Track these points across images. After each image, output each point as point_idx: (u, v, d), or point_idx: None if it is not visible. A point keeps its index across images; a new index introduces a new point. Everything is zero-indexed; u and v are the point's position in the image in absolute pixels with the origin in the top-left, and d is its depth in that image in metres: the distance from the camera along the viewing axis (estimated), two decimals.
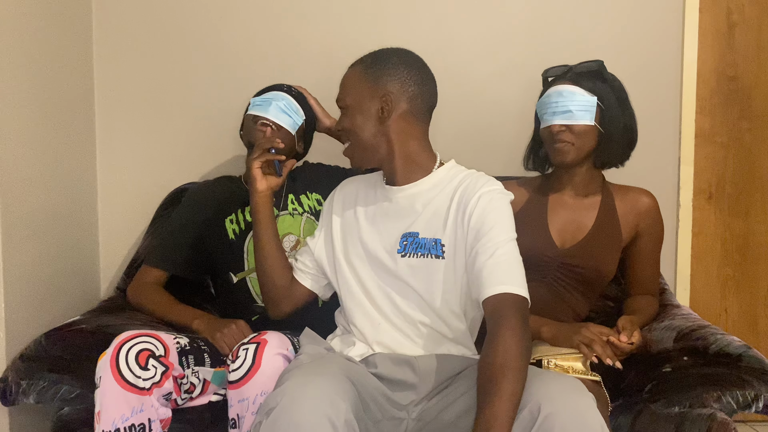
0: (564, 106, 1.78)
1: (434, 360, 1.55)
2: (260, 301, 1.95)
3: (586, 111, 1.77)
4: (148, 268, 2.02)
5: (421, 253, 1.58)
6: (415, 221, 1.61)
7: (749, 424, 2.61)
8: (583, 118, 1.78)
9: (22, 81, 1.89)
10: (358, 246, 1.65)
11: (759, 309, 2.65)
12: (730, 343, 1.68)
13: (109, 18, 2.37)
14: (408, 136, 1.62)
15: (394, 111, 1.59)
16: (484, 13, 2.42)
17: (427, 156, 1.65)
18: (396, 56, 1.63)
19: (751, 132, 2.59)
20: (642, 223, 1.88)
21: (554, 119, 1.79)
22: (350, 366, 1.50)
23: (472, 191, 1.57)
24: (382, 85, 1.59)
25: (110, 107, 2.39)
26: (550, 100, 1.80)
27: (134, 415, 1.52)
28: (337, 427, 1.27)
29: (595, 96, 1.78)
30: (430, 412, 1.50)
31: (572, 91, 1.78)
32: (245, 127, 2.01)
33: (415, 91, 1.61)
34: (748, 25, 2.55)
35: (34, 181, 1.95)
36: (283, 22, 2.40)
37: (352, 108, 1.62)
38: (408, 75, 1.61)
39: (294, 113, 1.97)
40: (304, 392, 1.31)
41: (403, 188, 1.63)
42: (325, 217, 1.76)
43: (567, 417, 1.28)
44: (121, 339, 1.57)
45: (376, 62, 1.62)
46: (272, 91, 2.00)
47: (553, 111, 1.79)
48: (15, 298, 1.82)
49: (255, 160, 1.73)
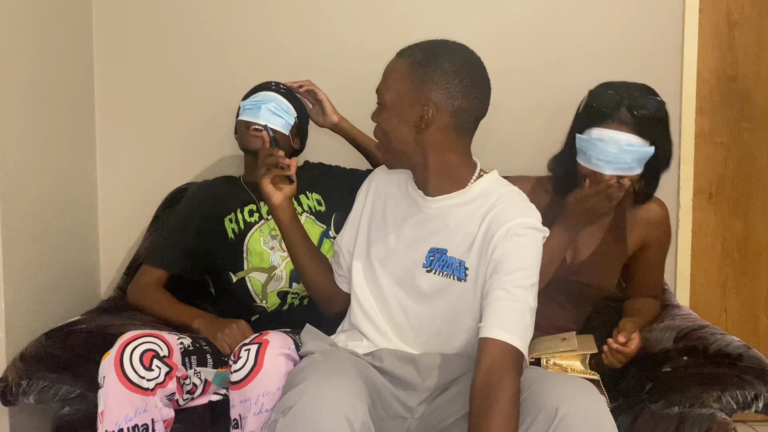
0: (622, 160, 1.63)
1: (438, 358, 1.54)
2: (259, 300, 1.95)
3: (642, 160, 1.67)
4: (148, 267, 2.02)
5: (447, 273, 1.51)
6: (445, 237, 1.52)
7: (749, 424, 2.61)
8: (638, 170, 1.67)
9: (22, 81, 1.89)
10: (382, 250, 1.59)
11: (759, 309, 2.65)
12: (729, 343, 1.68)
13: (109, 18, 2.37)
14: (446, 149, 1.49)
15: (434, 123, 1.45)
16: (484, 12, 2.42)
17: (465, 170, 1.53)
18: (449, 60, 1.45)
19: (751, 132, 2.59)
20: (651, 234, 1.85)
21: (606, 169, 1.65)
22: (359, 362, 1.50)
23: (502, 221, 1.46)
24: (426, 92, 1.44)
25: (110, 107, 2.39)
26: (606, 148, 1.63)
27: (138, 416, 1.52)
28: (355, 427, 1.27)
29: (654, 146, 1.67)
30: (435, 413, 1.49)
31: (632, 143, 1.63)
32: (239, 133, 2.00)
33: (461, 105, 1.45)
34: (748, 25, 2.54)
35: (34, 181, 1.95)
36: (284, 22, 2.39)
37: (390, 107, 1.49)
38: (458, 86, 1.44)
39: (285, 113, 1.96)
40: (322, 392, 1.30)
41: (437, 199, 1.53)
42: (355, 211, 1.69)
43: (583, 418, 1.28)
44: (126, 339, 1.57)
45: (425, 62, 1.45)
46: (260, 91, 1.99)
47: (607, 159, 1.64)
48: (15, 298, 1.82)
49: (263, 178, 1.62)
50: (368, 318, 1.60)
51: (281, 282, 1.95)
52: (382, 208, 1.63)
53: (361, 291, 1.61)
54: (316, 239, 1.97)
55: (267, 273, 1.95)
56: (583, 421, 1.28)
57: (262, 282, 1.95)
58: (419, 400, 1.51)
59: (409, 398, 1.51)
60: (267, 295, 1.95)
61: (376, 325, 1.59)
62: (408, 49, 1.51)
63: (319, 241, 1.98)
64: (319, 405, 1.28)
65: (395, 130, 1.49)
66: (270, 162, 1.61)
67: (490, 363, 1.36)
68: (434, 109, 1.45)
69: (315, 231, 1.99)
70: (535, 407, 1.32)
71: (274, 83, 2.03)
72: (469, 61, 1.49)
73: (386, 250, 1.59)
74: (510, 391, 1.32)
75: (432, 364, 1.53)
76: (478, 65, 1.51)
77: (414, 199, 1.57)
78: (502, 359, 1.35)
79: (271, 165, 1.61)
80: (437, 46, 1.49)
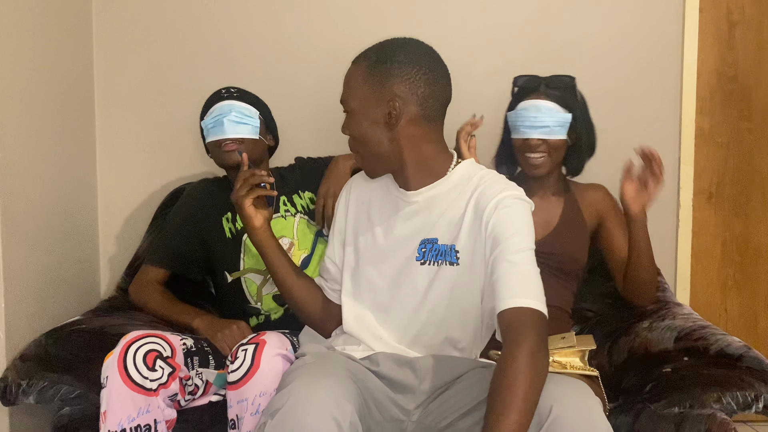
0: (542, 122, 1.86)
1: (435, 361, 1.53)
2: (254, 302, 1.95)
3: (562, 127, 1.87)
4: (148, 267, 2.02)
5: (440, 261, 1.51)
6: (434, 227, 1.52)
7: (749, 424, 2.61)
8: (559, 134, 1.88)
9: (22, 81, 1.89)
10: (373, 253, 1.58)
11: (759, 309, 2.65)
12: (730, 343, 1.69)
13: (109, 18, 2.37)
14: (420, 140, 1.50)
15: (403, 116, 1.47)
16: (483, 12, 2.42)
17: (442, 158, 1.55)
18: (403, 52, 1.48)
19: (751, 132, 2.59)
20: (601, 207, 1.99)
21: (533, 133, 1.87)
22: (353, 366, 1.49)
23: (489, 196, 1.48)
24: (388, 87, 1.46)
25: (110, 107, 2.39)
26: (528, 114, 1.88)
27: (140, 416, 1.52)
28: (343, 428, 1.26)
29: (570, 113, 1.88)
30: (431, 415, 1.49)
31: (550, 108, 1.87)
32: (212, 153, 1.96)
33: (425, 92, 1.47)
34: (748, 25, 2.54)
35: (34, 182, 1.95)
36: (283, 22, 2.40)
37: (358, 113, 1.50)
38: (417, 73, 1.46)
39: (248, 117, 1.91)
40: (310, 393, 1.30)
41: (420, 192, 1.54)
42: (338, 223, 1.67)
43: (576, 420, 1.27)
44: (129, 339, 1.56)
45: (380, 60, 1.48)
46: (215, 104, 1.94)
47: (530, 125, 1.87)
48: (15, 298, 1.82)
49: (245, 198, 1.61)
50: (363, 325, 1.58)
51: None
52: (367, 214, 1.62)
53: (353, 300, 1.60)
54: (311, 241, 1.97)
55: (262, 275, 1.94)
56: (577, 423, 1.26)
57: (257, 284, 1.95)
58: (416, 403, 1.50)
59: (407, 401, 1.50)
60: (262, 297, 1.94)
61: (370, 331, 1.57)
62: (361, 55, 1.53)
63: (313, 242, 1.97)
64: (306, 406, 1.27)
65: (367, 133, 1.50)
66: (253, 181, 1.61)
67: (505, 329, 1.35)
68: (401, 102, 1.46)
69: (310, 232, 1.98)
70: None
71: (225, 90, 1.97)
72: (422, 50, 1.51)
73: (377, 252, 1.58)
74: (529, 344, 1.30)
75: (429, 367, 1.52)
76: (431, 52, 1.53)
77: (398, 197, 1.58)
78: (516, 320, 1.34)
79: (253, 183, 1.61)
80: (387, 44, 1.52)
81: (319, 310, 1.67)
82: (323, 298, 1.67)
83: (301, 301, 1.67)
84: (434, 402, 1.50)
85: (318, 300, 1.67)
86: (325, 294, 1.68)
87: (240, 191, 1.62)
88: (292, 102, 2.36)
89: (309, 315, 1.68)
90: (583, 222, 1.98)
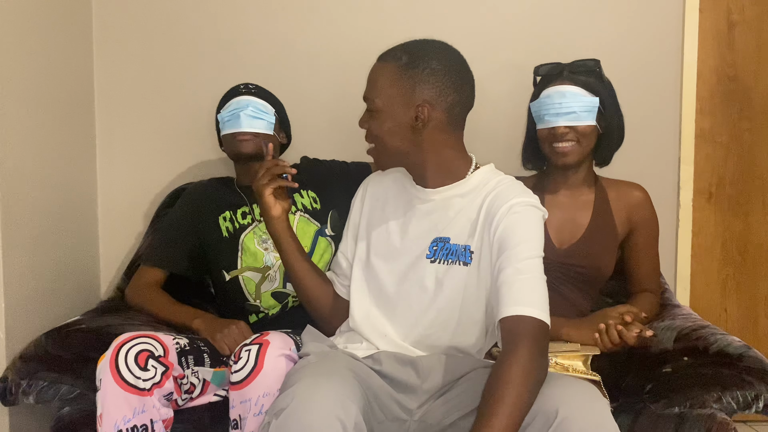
0: (568, 107, 1.76)
1: (438, 360, 1.53)
2: (252, 300, 1.95)
3: (590, 112, 1.78)
4: (146, 268, 2.02)
5: (451, 260, 1.52)
6: (448, 226, 1.54)
7: (749, 424, 2.61)
8: (587, 119, 1.78)
9: (22, 81, 1.89)
10: (385, 250, 1.59)
11: (759, 309, 2.65)
12: (730, 343, 1.68)
13: (109, 18, 2.37)
14: (442, 145, 1.51)
15: (431, 122, 1.48)
16: (483, 11, 2.42)
17: (461, 163, 1.56)
18: (435, 59, 1.48)
19: (751, 132, 2.59)
20: (635, 216, 1.89)
21: (558, 120, 1.77)
22: (356, 365, 1.49)
23: (502, 200, 1.48)
24: (419, 92, 1.46)
25: (110, 107, 2.39)
26: (552, 101, 1.78)
27: (136, 416, 1.52)
28: (347, 429, 1.27)
29: (597, 97, 1.79)
30: (434, 415, 1.49)
31: (575, 92, 1.77)
32: (227, 145, 1.99)
33: (453, 100, 1.48)
34: (748, 25, 2.54)
35: (34, 182, 1.95)
36: (283, 22, 2.40)
37: (383, 112, 1.50)
38: (448, 82, 1.47)
39: (264, 113, 1.95)
40: (314, 394, 1.30)
41: (438, 190, 1.55)
42: (353, 218, 1.69)
43: (584, 422, 1.27)
44: (120, 341, 1.57)
45: (413, 64, 1.47)
46: (233, 98, 1.97)
47: (556, 112, 1.77)
48: (15, 298, 1.82)
49: (266, 186, 1.62)
50: (369, 321, 1.59)
51: (275, 283, 1.94)
52: (382, 210, 1.63)
53: (362, 294, 1.61)
54: (311, 238, 1.97)
55: (261, 273, 1.95)
56: (585, 424, 1.26)
57: (255, 282, 1.95)
58: (419, 402, 1.51)
59: (409, 401, 1.50)
60: (261, 295, 1.95)
61: (376, 327, 1.58)
62: (389, 52, 1.52)
63: (313, 240, 1.97)
64: (310, 406, 1.28)
65: (390, 133, 1.50)
66: (276, 171, 1.62)
67: (505, 336, 1.36)
68: (429, 108, 1.47)
69: (310, 229, 1.98)
70: (535, 407, 1.31)
71: (243, 86, 2.01)
72: (454, 56, 1.52)
73: (390, 249, 1.59)
74: (524, 353, 1.30)
75: (431, 367, 1.52)
76: (461, 59, 1.53)
77: (414, 194, 1.59)
78: (516, 328, 1.34)
79: (276, 174, 1.62)
80: (419, 47, 1.51)
81: (328, 304, 1.68)
82: (333, 293, 1.69)
83: (311, 293, 1.68)
84: (437, 401, 1.51)
85: (328, 294, 1.69)
86: (335, 289, 1.69)
87: (262, 179, 1.63)
88: (292, 102, 2.34)
89: (318, 308, 1.69)
90: (614, 227, 1.87)
